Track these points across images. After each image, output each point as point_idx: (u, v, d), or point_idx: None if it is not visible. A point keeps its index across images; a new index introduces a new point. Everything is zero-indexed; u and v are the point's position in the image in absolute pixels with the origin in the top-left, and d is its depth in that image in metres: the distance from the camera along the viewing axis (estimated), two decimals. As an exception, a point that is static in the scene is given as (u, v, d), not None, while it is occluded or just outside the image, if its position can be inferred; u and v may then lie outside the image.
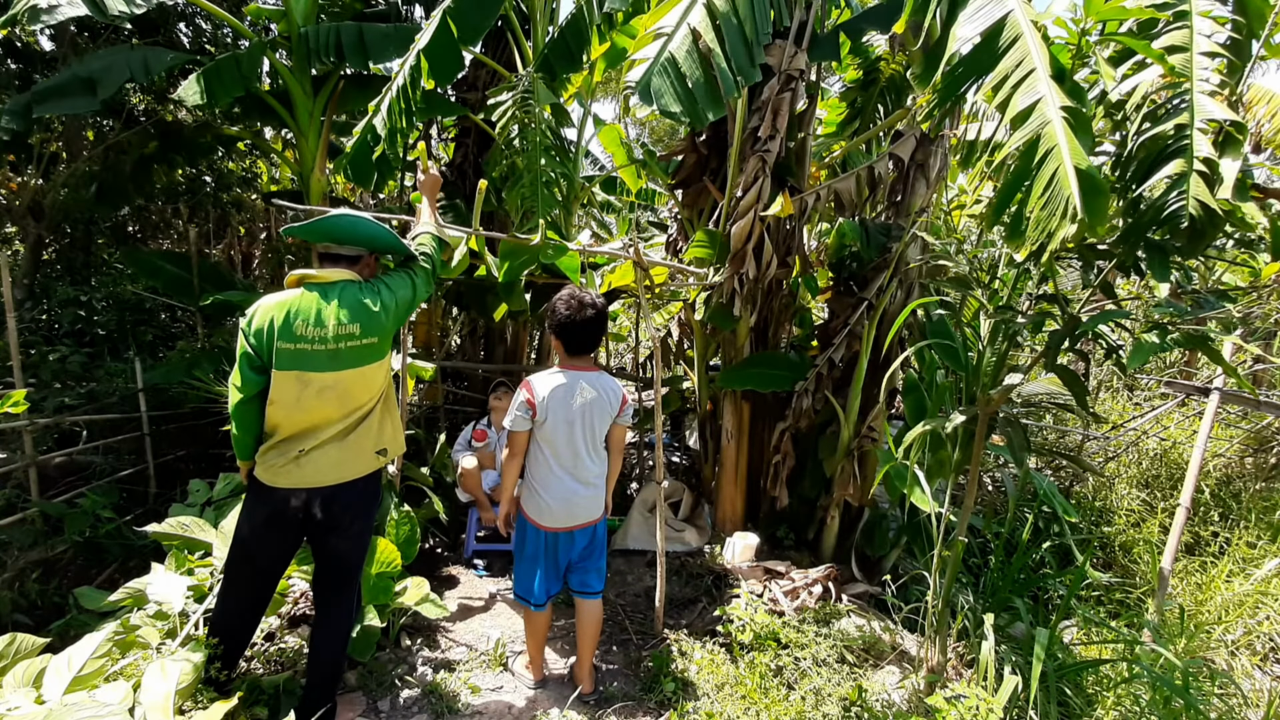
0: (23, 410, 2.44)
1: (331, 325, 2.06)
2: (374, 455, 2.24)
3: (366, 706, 2.52)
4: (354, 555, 2.31)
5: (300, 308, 2.07)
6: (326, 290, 2.11)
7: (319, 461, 2.12)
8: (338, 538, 2.23)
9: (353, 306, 2.10)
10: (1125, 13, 1.93)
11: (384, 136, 3.49)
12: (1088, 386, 2.36)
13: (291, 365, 2.05)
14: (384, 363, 2.23)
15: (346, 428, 2.16)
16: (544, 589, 2.52)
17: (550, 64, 4.19)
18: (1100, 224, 1.69)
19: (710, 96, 2.75)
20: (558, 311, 2.41)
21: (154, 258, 4.76)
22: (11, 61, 5.07)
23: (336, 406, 2.12)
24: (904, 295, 3.65)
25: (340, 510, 2.18)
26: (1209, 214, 1.76)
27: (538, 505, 2.46)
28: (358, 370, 2.12)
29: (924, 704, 2.41)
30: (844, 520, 3.93)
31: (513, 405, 2.40)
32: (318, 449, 2.11)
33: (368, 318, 2.12)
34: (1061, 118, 1.76)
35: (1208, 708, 2.51)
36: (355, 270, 2.21)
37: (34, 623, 3.09)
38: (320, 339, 2.06)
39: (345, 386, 2.11)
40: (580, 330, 2.41)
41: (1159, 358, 5.74)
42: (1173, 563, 3.17)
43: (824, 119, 4.67)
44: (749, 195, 3.51)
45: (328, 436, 2.12)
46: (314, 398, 2.08)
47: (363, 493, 2.23)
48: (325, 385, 2.08)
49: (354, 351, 2.10)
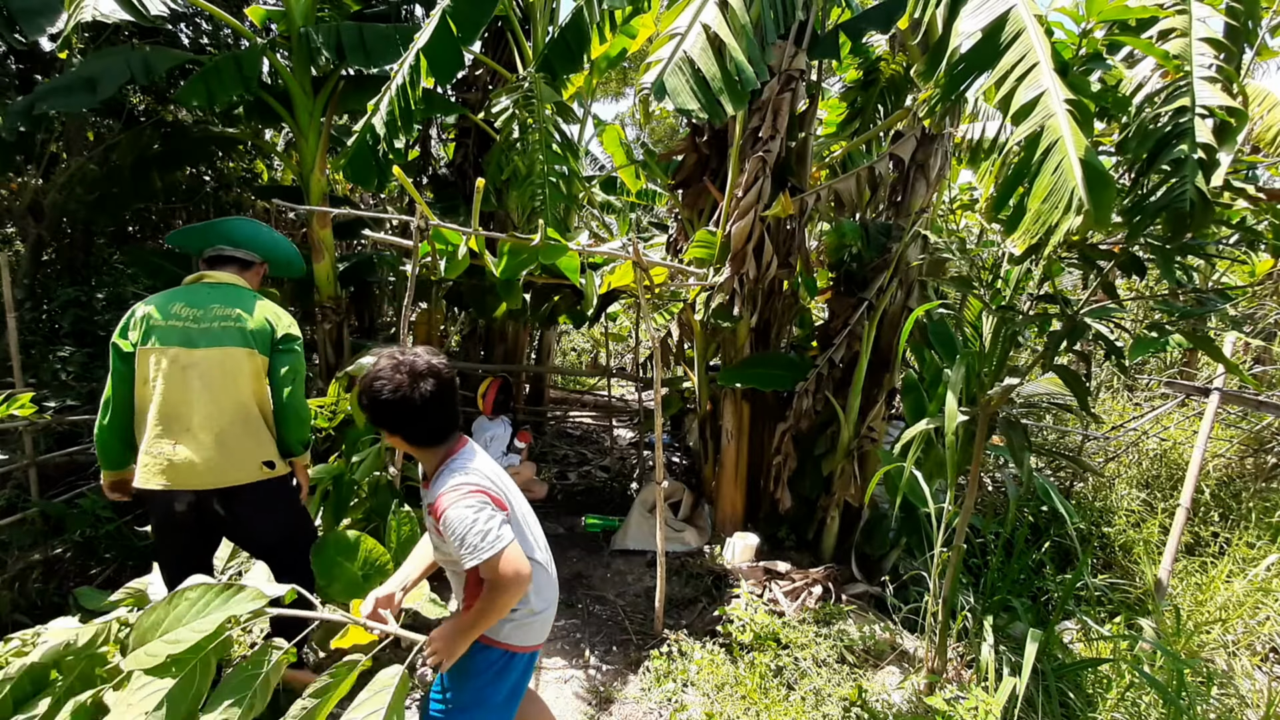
0: (29, 413, 2.43)
1: (214, 310, 2.14)
2: (259, 466, 2.18)
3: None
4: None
5: (184, 295, 2.16)
6: (215, 285, 2.21)
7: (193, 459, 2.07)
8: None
9: (236, 299, 2.19)
10: (1128, 12, 1.93)
11: (383, 136, 3.48)
12: (1088, 386, 2.35)
13: (161, 341, 2.07)
14: (253, 360, 2.17)
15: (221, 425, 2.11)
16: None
17: (551, 64, 4.19)
18: (1106, 216, 1.68)
19: (730, 91, 2.75)
20: (384, 393, 1.55)
21: (155, 257, 4.76)
22: (14, 62, 5.08)
23: (202, 390, 2.09)
24: (904, 295, 3.65)
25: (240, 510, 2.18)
26: (1204, 200, 1.77)
27: (529, 625, 1.72)
28: (222, 350, 2.11)
29: (924, 704, 2.41)
30: (844, 520, 3.93)
31: (478, 522, 1.48)
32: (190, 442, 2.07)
33: (250, 312, 2.18)
34: (1065, 110, 1.75)
35: (1205, 709, 2.51)
36: (244, 277, 2.29)
37: (34, 623, 3.08)
38: (194, 319, 2.11)
39: (209, 368, 2.10)
40: (435, 408, 1.59)
41: (1159, 358, 5.74)
42: (1172, 563, 3.17)
43: (824, 119, 4.67)
44: (749, 195, 3.51)
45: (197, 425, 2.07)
46: (178, 375, 2.07)
47: (252, 492, 2.18)
48: (191, 363, 2.08)
49: (224, 331, 2.12)
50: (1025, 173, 1.82)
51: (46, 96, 3.80)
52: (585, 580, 3.74)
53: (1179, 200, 1.78)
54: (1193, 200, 1.75)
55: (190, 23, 5.48)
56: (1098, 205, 1.65)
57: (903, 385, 3.63)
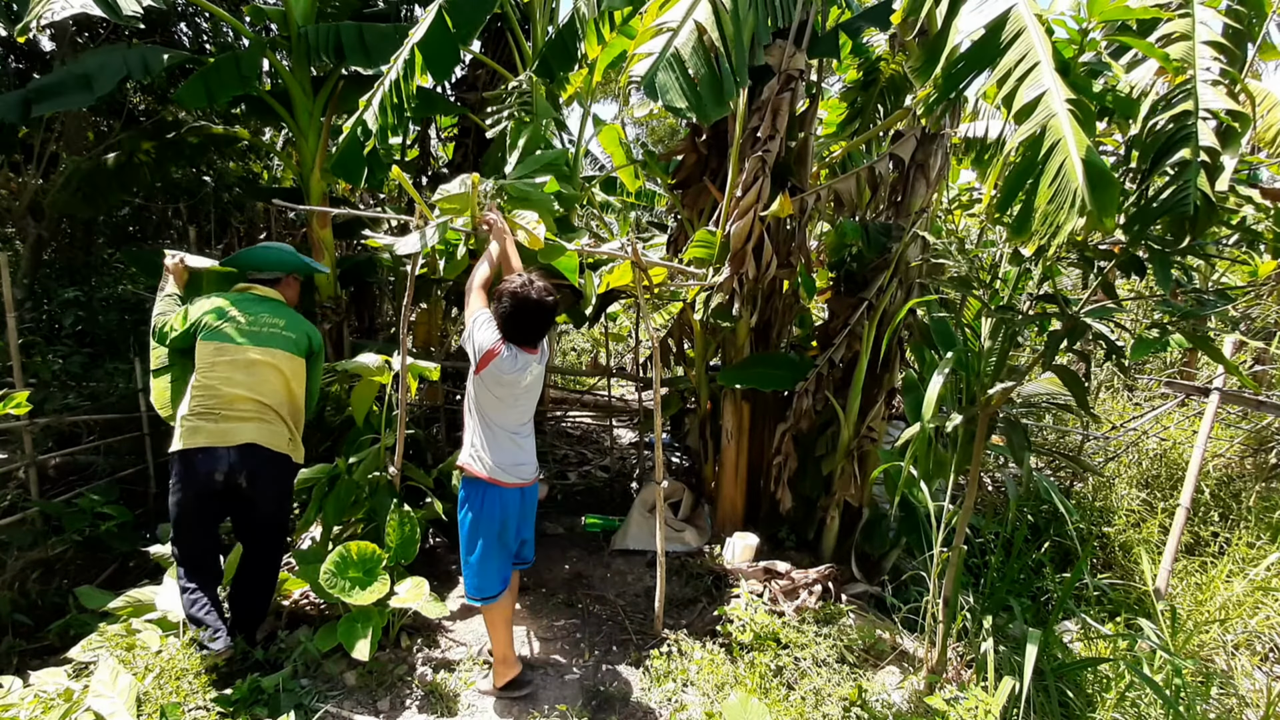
0: (25, 412, 2.45)
1: (263, 318, 2.63)
2: (286, 441, 2.64)
3: (367, 707, 2.52)
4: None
5: (235, 301, 2.64)
6: (261, 298, 2.71)
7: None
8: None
9: (277, 310, 2.70)
10: (1129, 13, 1.93)
11: (375, 132, 3.45)
12: (1088, 386, 2.35)
13: (219, 339, 2.55)
14: (292, 363, 2.66)
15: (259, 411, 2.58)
16: (502, 570, 2.52)
17: (549, 64, 4.18)
18: (1109, 216, 1.67)
19: (715, 94, 2.75)
20: (508, 301, 2.34)
21: (155, 257, 4.74)
22: (13, 60, 5.08)
23: (251, 380, 2.55)
24: (904, 295, 3.64)
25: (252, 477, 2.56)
26: (1208, 204, 1.76)
27: (489, 464, 2.42)
28: (269, 350, 2.59)
29: (924, 704, 2.41)
30: (844, 520, 3.92)
31: (485, 320, 2.37)
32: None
33: (292, 324, 2.70)
34: (1067, 110, 1.75)
35: (1205, 709, 2.51)
36: (279, 290, 2.80)
37: (34, 623, 3.09)
38: (249, 324, 2.59)
39: (257, 364, 2.56)
40: (534, 321, 2.37)
41: (1159, 358, 5.74)
42: (1172, 563, 3.17)
43: (824, 119, 4.66)
44: (749, 195, 3.51)
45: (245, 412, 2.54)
46: (233, 367, 2.54)
47: (274, 464, 2.61)
48: (244, 358, 2.54)
49: (273, 335, 2.62)
50: (1030, 173, 1.81)
51: (42, 95, 3.78)
52: (585, 580, 3.74)
53: (1182, 204, 1.78)
54: (1196, 204, 1.74)
55: (190, 22, 5.48)
56: (1101, 205, 1.64)
57: (903, 385, 3.63)
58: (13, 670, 2.60)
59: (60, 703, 1.98)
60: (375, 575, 2.70)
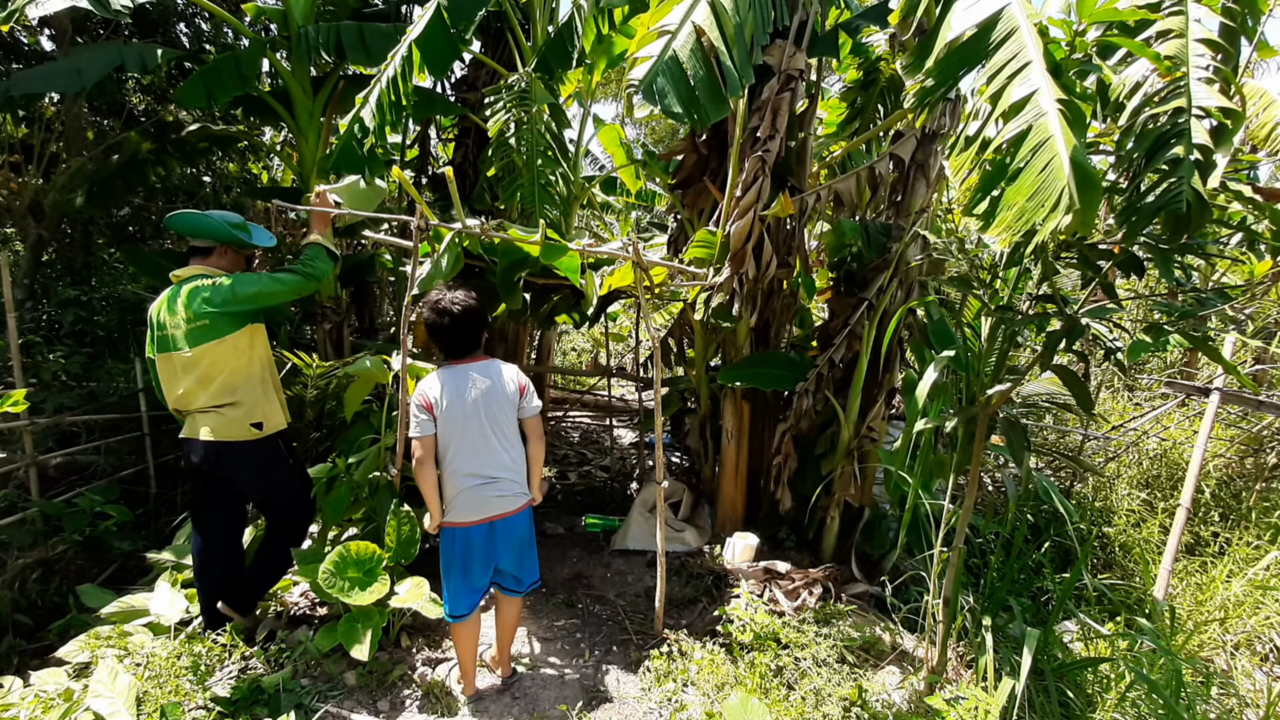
0: (23, 410, 2.46)
1: (179, 314, 2.52)
2: (248, 428, 2.60)
3: (367, 707, 2.52)
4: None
5: (165, 301, 2.56)
6: (179, 286, 2.58)
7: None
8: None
9: (191, 296, 2.54)
10: (1118, 14, 1.93)
11: (373, 130, 3.43)
12: (1088, 386, 2.35)
13: (159, 349, 2.55)
14: (227, 342, 2.55)
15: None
16: (467, 599, 2.46)
17: (548, 62, 4.18)
18: (1090, 217, 1.68)
19: (713, 97, 2.74)
20: (425, 317, 2.43)
21: (155, 257, 4.75)
22: (14, 61, 5.08)
23: (194, 381, 2.53)
24: (904, 295, 3.64)
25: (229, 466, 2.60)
26: (1200, 202, 1.76)
27: (447, 506, 2.43)
28: (201, 347, 2.51)
29: (924, 704, 2.41)
30: (844, 520, 3.92)
31: (410, 413, 2.39)
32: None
33: (200, 303, 2.53)
34: (1057, 110, 1.75)
35: (1205, 709, 2.51)
36: (208, 261, 2.63)
37: (34, 623, 3.09)
38: (173, 325, 2.52)
39: (192, 364, 2.53)
40: (448, 334, 2.42)
41: (1159, 357, 5.74)
42: (1172, 563, 3.17)
43: (824, 119, 4.66)
44: (749, 195, 3.51)
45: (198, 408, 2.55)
46: (176, 374, 2.54)
47: (249, 455, 2.61)
48: (182, 363, 2.51)
49: (197, 330, 2.52)
50: (1006, 170, 1.81)
51: (26, 78, 3.76)
52: (585, 580, 3.74)
53: (1175, 201, 1.78)
54: (1189, 201, 1.74)
55: (190, 23, 5.49)
56: (1086, 205, 1.64)
57: (903, 385, 3.63)
58: (13, 670, 2.60)
59: (60, 703, 1.99)
60: (375, 575, 2.70)
